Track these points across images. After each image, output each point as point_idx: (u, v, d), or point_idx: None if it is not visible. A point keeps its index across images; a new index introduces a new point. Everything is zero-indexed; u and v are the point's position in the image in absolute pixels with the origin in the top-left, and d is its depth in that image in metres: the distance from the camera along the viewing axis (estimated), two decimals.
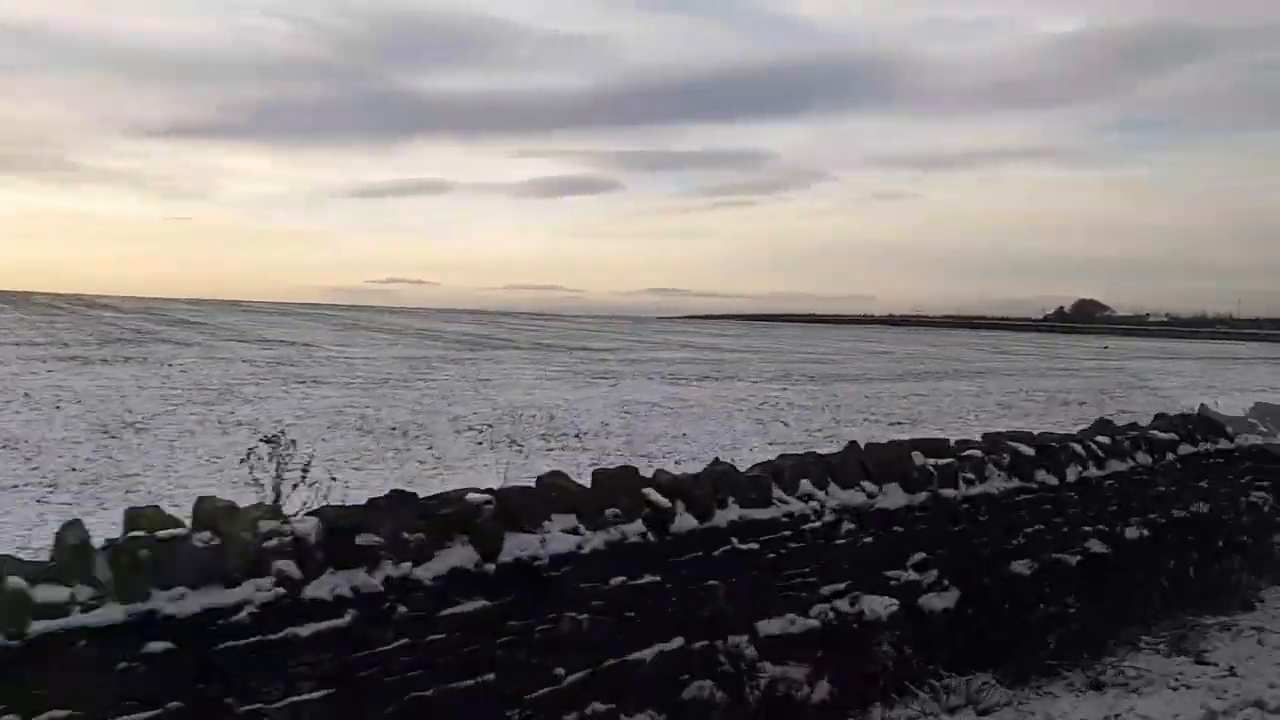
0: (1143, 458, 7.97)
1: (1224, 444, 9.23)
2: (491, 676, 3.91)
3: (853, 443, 5.97)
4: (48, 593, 2.96)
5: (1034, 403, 22.97)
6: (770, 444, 14.85)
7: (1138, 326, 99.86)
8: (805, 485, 5.41)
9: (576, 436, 14.13)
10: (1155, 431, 8.40)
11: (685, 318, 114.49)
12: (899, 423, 17.85)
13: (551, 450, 12.95)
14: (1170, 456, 8.35)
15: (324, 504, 4.45)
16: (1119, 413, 22.13)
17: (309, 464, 5.95)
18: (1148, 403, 25.56)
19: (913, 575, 5.78)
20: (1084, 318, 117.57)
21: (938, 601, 5.80)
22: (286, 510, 4.11)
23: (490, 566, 3.98)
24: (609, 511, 4.49)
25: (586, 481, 4.67)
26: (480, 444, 13.06)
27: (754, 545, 5.00)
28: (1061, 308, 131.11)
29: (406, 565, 3.77)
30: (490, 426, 14.47)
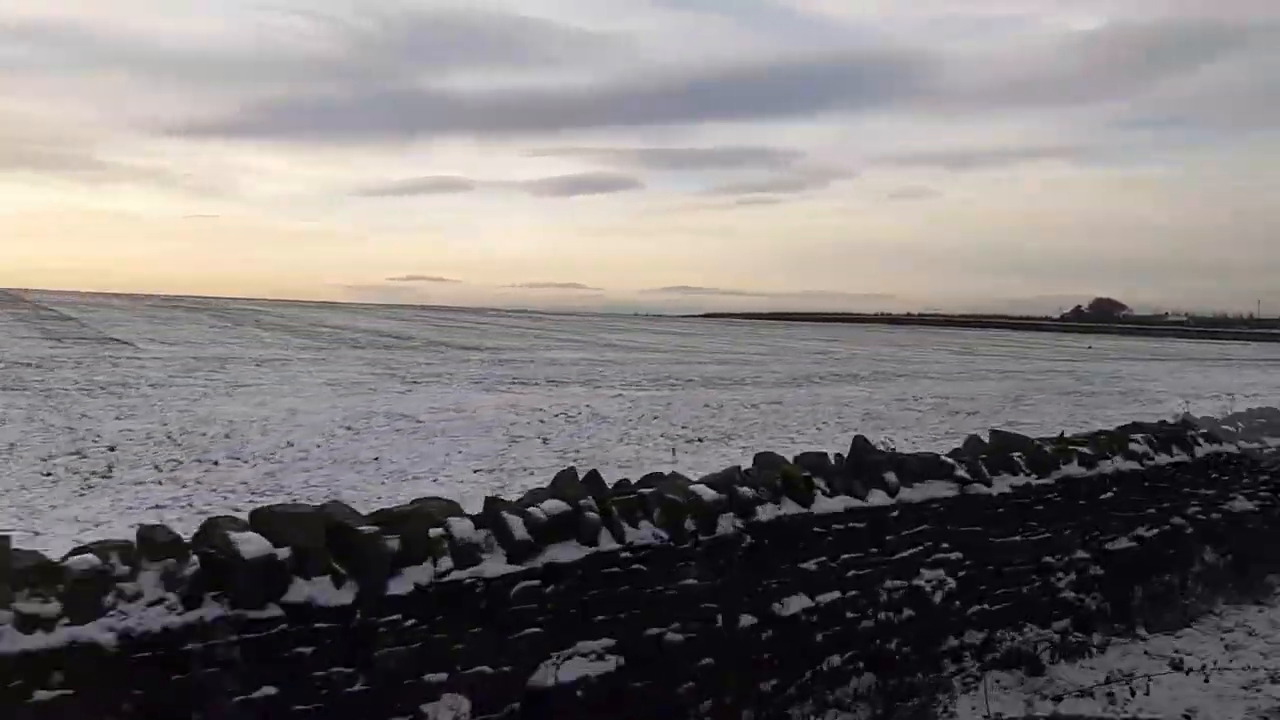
0: (641, 534, 4.83)
1: (878, 498, 6.07)
2: None
3: None
4: None
5: (914, 412, 19.68)
6: (477, 470, 11.77)
7: (1153, 326, 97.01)
8: None
9: (215, 463, 11.10)
10: (701, 487, 5.24)
11: (693, 316, 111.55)
12: (698, 440, 14.70)
13: (142, 484, 9.95)
14: (730, 528, 5.20)
15: None
16: (1008, 424, 18.88)
17: None
18: (1061, 412, 22.18)
19: None
20: (1102, 317, 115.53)
21: None
22: None
23: None
24: None
25: None
26: (48, 475, 10.07)
27: None
28: (1079, 306, 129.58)
29: None
30: (113, 449, 11.45)
